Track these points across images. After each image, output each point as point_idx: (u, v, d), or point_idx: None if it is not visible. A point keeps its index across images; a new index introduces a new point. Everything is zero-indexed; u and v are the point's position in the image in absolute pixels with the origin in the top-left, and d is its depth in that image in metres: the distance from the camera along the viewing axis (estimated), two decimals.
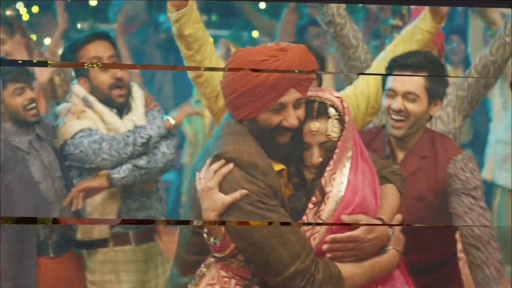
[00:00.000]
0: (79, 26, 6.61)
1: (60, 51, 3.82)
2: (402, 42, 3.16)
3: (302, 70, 2.12)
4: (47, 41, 5.46)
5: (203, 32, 2.99)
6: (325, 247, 2.12)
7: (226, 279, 2.14)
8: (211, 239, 2.11)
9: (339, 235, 2.12)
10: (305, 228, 2.13)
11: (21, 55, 3.99)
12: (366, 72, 3.19)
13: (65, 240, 3.35)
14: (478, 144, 5.58)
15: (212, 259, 2.15)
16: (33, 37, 5.00)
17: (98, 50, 3.37)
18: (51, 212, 3.27)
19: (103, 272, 3.40)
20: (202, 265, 2.17)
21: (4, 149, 3.14)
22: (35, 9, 6.26)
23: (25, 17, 6.23)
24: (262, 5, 6.90)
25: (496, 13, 4.06)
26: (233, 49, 4.93)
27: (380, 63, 3.10)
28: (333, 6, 3.48)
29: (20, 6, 6.20)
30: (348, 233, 2.12)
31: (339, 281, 2.08)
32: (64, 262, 3.32)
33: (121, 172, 3.34)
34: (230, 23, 7.41)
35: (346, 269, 2.11)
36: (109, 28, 5.74)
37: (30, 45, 4.24)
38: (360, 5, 6.22)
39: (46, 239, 3.26)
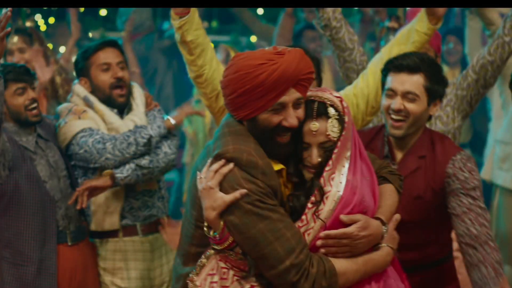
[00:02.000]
0: (90, 35, 6.85)
1: (73, 58, 3.97)
2: (398, 44, 3.16)
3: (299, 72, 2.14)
4: (62, 49, 5.73)
5: (204, 38, 3.06)
6: (319, 242, 2.13)
7: (225, 270, 2.17)
8: (211, 233, 2.14)
9: (333, 232, 2.12)
10: (299, 224, 2.14)
11: (39, 63, 4.15)
12: (362, 73, 3.19)
13: (81, 230, 3.50)
14: (477, 144, 5.59)
15: (212, 251, 2.18)
16: (50, 45, 5.22)
17: (107, 56, 3.49)
18: (57, 210, 3.36)
19: (113, 260, 3.54)
20: (203, 256, 2.20)
21: (12, 148, 3.17)
22: (51, 20, 6.59)
23: (43, 27, 6.52)
24: (260, 11, 6.94)
25: (494, 13, 4.06)
26: (232, 54, 4.95)
27: (376, 65, 3.10)
28: (329, 10, 3.50)
29: (38, 17, 6.49)
30: (341, 230, 2.12)
31: (333, 276, 2.09)
32: (80, 250, 3.49)
33: (124, 172, 3.38)
34: (229, 29, 7.48)
35: (340, 264, 2.12)
36: (117, 36, 5.99)
37: (47, 53, 4.40)
38: (356, 8, 6.24)
39: (64, 229, 3.41)
